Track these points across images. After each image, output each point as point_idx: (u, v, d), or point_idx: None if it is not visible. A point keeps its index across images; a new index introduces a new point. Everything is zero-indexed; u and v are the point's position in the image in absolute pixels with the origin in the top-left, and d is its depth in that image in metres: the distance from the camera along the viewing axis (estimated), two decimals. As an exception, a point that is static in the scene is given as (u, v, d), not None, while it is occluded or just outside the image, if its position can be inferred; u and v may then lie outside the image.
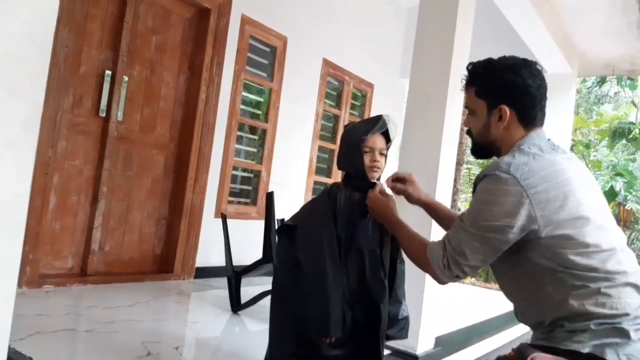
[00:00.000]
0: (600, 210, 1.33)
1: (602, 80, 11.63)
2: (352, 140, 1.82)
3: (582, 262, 1.25)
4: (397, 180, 1.84)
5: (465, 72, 1.50)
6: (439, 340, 2.94)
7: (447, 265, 1.38)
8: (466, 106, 1.52)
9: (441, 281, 1.45)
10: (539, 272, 1.30)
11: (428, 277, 2.64)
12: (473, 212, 1.36)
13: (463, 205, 11.33)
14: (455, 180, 8.08)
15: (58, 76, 3.02)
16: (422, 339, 2.70)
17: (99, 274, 3.41)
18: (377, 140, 1.79)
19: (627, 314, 1.22)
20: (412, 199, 1.83)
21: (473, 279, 10.54)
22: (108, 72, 3.37)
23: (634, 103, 12.14)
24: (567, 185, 1.28)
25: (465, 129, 1.56)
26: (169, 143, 3.86)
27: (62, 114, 3.10)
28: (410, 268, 2.02)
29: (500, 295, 1.50)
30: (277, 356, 1.85)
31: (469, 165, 11.36)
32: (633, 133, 11.47)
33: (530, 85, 1.40)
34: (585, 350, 1.19)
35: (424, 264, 1.48)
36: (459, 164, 8.65)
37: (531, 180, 1.27)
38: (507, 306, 1.55)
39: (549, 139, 1.43)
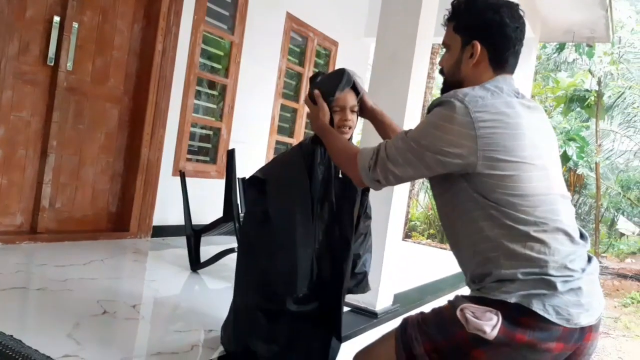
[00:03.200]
0: (547, 160, 1.33)
1: (561, 47, 11.85)
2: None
3: (515, 202, 1.25)
4: None
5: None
6: (397, 297, 3.01)
7: (372, 167, 1.39)
8: (443, 43, 1.49)
9: (360, 181, 1.45)
10: (472, 206, 1.30)
11: (388, 236, 2.69)
12: (419, 130, 1.36)
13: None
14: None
15: (1, 19, 2.80)
16: (381, 296, 2.76)
17: (50, 232, 3.28)
18: (348, 98, 1.72)
19: (555, 261, 1.23)
20: (364, 107, 1.81)
21: (429, 239, 10.86)
22: (56, 18, 3.14)
23: (590, 71, 12.46)
24: (517, 128, 1.28)
25: (439, 68, 1.54)
26: (123, 96, 3.68)
27: (6, 61, 2.90)
28: (372, 227, 2.03)
29: (453, 255, 1.51)
30: (241, 307, 1.84)
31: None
32: (588, 100, 11.82)
33: (508, 25, 1.38)
34: (513, 300, 1.20)
35: (349, 163, 1.49)
36: (420, 126, 8.74)
37: (482, 114, 1.26)
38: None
39: (517, 89, 1.42)
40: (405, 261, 4.68)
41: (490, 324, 1.18)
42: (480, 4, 1.41)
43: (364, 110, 1.83)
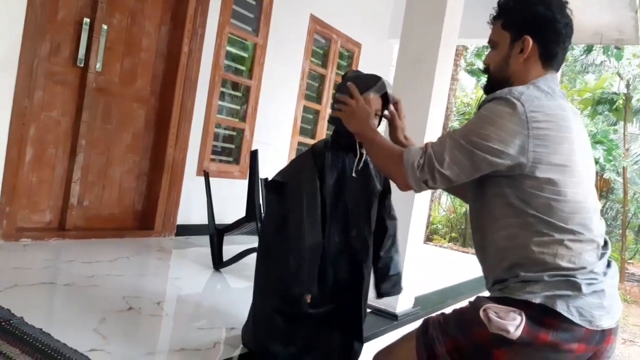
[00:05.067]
0: (586, 169, 1.32)
1: (589, 49, 11.63)
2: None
3: (555, 207, 1.24)
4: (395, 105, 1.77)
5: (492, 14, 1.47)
6: (417, 300, 3.00)
7: (421, 166, 1.32)
8: (489, 41, 1.48)
9: (404, 182, 1.38)
10: (509, 211, 1.29)
11: (410, 238, 2.69)
12: (469, 125, 1.33)
13: (444, 170, 11.42)
14: (438, 145, 8.11)
15: (34, 21, 2.88)
16: (402, 299, 2.75)
17: (77, 229, 3.36)
18: (374, 101, 1.70)
19: (583, 268, 1.23)
20: (394, 132, 1.76)
21: (451, 243, 10.76)
22: (86, 20, 3.22)
23: (619, 74, 12.19)
24: (568, 132, 1.27)
25: (484, 66, 1.52)
26: (150, 97, 3.75)
27: (38, 62, 2.98)
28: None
29: (475, 258, 1.50)
30: (260, 310, 1.87)
31: (452, 131, 11.39)
32: (616, 103, 11.57)
33: (559, 21, 1.37)
34: (537, 300, 1.20)
35: (393, 165, 1.41)
36: (443, 129, 8.68)
37: (537, 114, 1.25)
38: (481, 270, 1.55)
39: (564, 92, 1.42)
40: (427, 264, 4.66)
41: (514, 324, 1.18)
42: (530, 0, 1.39)
43: (397, 130, 1.78)
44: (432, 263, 5.12)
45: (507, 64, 1.42)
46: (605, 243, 1.33)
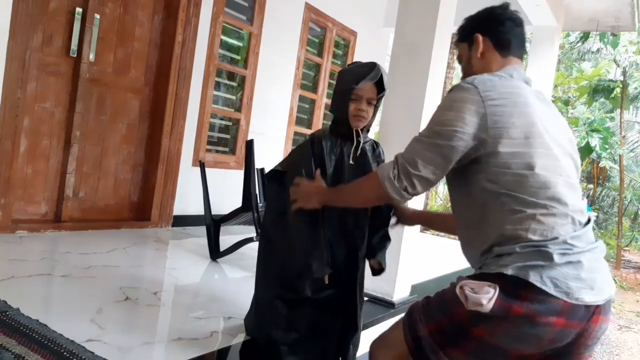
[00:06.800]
0: (556, 143, 1.33)
1: (585, 36, 11.60)
2: (342, 87, 1.79)
3: (525, 183, 1.26)
4: None
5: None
6: (414, 288, 3.01)
7: (397, 176, 1.35)
8: (457, 59, 1.60)
9: (388, 196, 1.38)
10: (483, 196, 1.31)
11: (406, 227, 2.69)
12: (431, 119, 1.39)
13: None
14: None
15: (26, 12, 2.85)
16: (398, 287, 2.76)
17: (73, 220, 3.35)
18: (368, 89, 1.75)
19: (555, 238, 1.22)
20: (405, 215, 1.84)
21: (448, 231, 10.81)
22: (79, 10, 3.19)
23: (615, 61, 12.18)
24: (525, 107, 1.31)
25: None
26: (143, 87, 3.73)
27: (30, 53, 2.95)
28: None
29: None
30: (262, 298, 1.90)
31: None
32: (613, 91, 11.56)
33: (500, 13, 1.50)
34: (509, 272, 1.20)
35: (370, 187, 1.45)
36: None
37: (491, 93, 1.30)
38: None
39: (528, 77, 1.47)
40: (424, 253, 4.67)
41: (487, 297, 1.19)
42: (472, 15, 1.56)
43: (407, 219, 1.85)
44: (428, 251, 5.14)
45: (470, 65, 1.53)
46: (588, 221, 1.32)
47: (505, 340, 1.22)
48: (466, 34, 1.54)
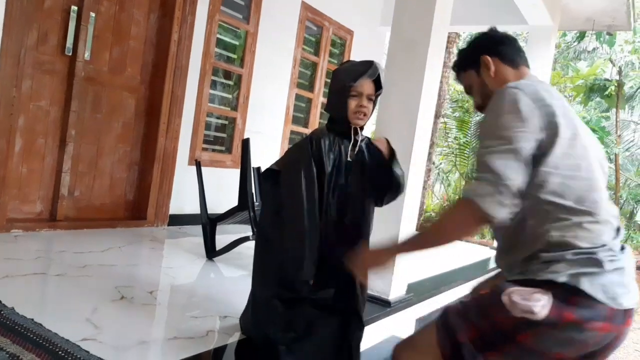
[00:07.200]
0: (590, 144, 1.35)
1: (581, 36, 11.62)
2: (339, 85, 1.79)
3: (572, 186, 1.25)
4: None
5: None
6: (410, 287, 3.01)
7: (490, 193, 1.22)
8: (465, 90, 1.60)
9: (490, 216, 1.23)
10: (527, 204, 1.28)
11: (402, 224, 2.69)
12: (487, 131, 1.31)
13: (437, 159, 11.43)
14: (431, 133, 8.12)
15: (21, 9, 2.83)
16: (394, 285, 2.76)
17: (69, 220, 3.34)
18: (366, 85, 1.77)
19: (603, 245, 1.24)
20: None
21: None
22: (74, 8, 3.18)
23: (611, 60, 12.20)
24: (563, 108, 1.31)
25: (475, 110, 1.64)
26: (139, 85, 3.71)
27: (25, 51, 2.93)
28: (382, 218, 2.02)
29: (468, 247, 1.49)
30: (259, 297, 1.89)
31: (446, 119, 11.38)
32: (608, 90, 11.58)
33: (495, 34, 1.55)
34: (561, 279, 1.20)
35: (467, 215, 1.27)
36: (436, 116, 8.65)
37: (536, 94, 1.29)
38: (474, 257, 1.55)
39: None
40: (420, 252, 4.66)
41: (538, 304, 1.18)
42: (467, 44, 1.60)
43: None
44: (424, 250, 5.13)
45: (486, 87, 1.52)
46: (619, 227, 1.34)
47: (549, 345, 1.22)
48: (470, 61, 1.55)
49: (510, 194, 1.22)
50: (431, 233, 1.43)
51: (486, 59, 1.50)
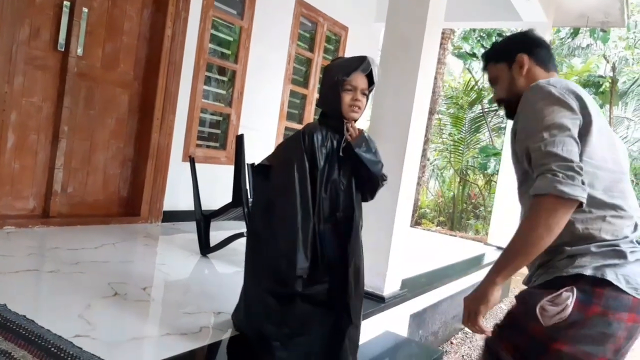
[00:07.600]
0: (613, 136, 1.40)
1: (575, 32, 11.65)
2: (333, 79, 1.79)
3: (601, 176, 1.29)
4: None
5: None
6: (404, 283, 3.02)
7: (564, 178, 1.20)
8: (490, 81, 1.63)
9: (570, 199, 1.20)
10: None
11: (396, 221, 2.69)
12: (535, 122, 1.30)
13: (432, 155, 11.45)
14: (426, 129, 8.15)
15: (12, 4, 2.81)
16: (388, 281, 2.76)
17: (62, 216, 3.33)
18: (360, 80, 1.78)
19: (626, 237, 1.29)
20: None
21: (439, 226, 10.84)
22: (66, 3, 3.15)
23: (605, 57, 12.24)
24: (593, 103, 1.35)
25: (495, 103, 1.66)
26: (133, 81, 3.70)
27: (17, 47, 2.91)
28: (376, 215, 2.02)
29: (463, 242, 1.50)
30: (252, 293, 1.89)
31: (440, 115, 11.40)
32: (602, 86, 11.62)
33: (535, 36, 1.60)
34: (588, 272, 1.23)
35: (549, 210, 1.22)
36: (430, 113, 8.66)
37: (568, 89, 1.34)
38: (468, 253, 1.55)
39: None
40: (414, 247, 4.69)
41: (566, 303, 1.22)
42: (505, 37, 1.66)
43: None
44: (419, 246, 5.16)
45: (514, 84, 1.55)
46: (636, 224, 1.36)
47: (582, 347, 1.23)
48: (505, 55, 1.58)
49: (581, 175, 1.22)
50: (516, 246, 1.29)
51: (523, 58, 1.54)
